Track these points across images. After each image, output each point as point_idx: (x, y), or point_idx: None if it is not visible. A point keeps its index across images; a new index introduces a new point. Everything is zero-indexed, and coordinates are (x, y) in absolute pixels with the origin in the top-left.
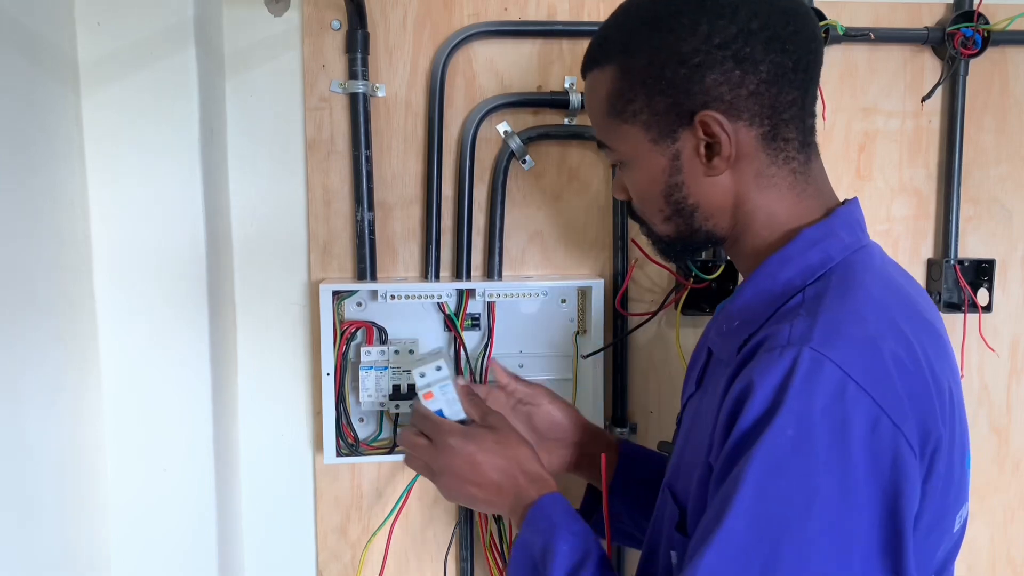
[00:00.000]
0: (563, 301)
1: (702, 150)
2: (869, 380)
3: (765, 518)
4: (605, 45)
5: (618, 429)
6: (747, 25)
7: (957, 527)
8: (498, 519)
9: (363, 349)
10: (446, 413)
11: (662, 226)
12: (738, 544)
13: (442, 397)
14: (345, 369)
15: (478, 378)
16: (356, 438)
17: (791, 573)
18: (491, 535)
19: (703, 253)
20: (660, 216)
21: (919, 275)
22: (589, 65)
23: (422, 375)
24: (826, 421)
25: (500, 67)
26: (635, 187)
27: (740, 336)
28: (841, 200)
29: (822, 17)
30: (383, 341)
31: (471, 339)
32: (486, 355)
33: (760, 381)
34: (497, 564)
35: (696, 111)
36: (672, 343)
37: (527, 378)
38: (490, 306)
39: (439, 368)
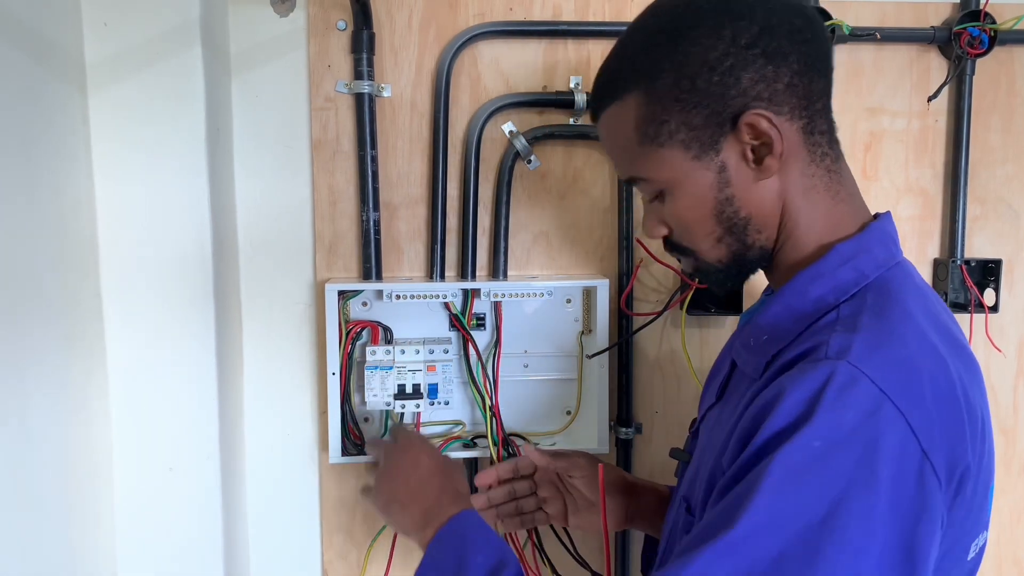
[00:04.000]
0: (568, 301)
1: (749, 155)
2: (905, 402)
3: (778, 525)
4: (618, 76)
5: (623, 429)
6: (767, 22)
7: (972, 555)
8: None
9: (368, 349)
10: None
11: (712, 251)
12: (743, 549)
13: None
14: (350, 369)
15: (490, 377)
16: (361, 438)
17: None
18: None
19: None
20: (711, 240)
21: (925, 275)
22: (604, 102)
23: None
24: (857, 438)
25: (505, 67)
26: (681, 214)
27: (767, 352)
28: (873, 213)
29: (828, 17)
30: (388, 341)
31: (476, 339)
32: (495, 355)
33: (791, 389)
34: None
35: (738, 114)
36: (677, 343)
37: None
38: (497, 306)
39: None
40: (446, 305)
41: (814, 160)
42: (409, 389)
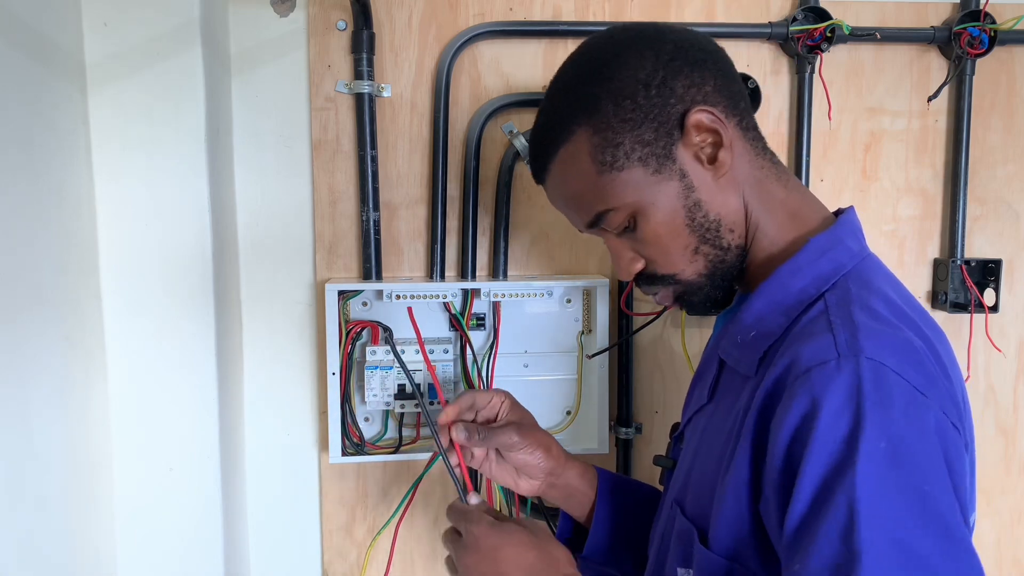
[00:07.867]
0: (568, 301)
1: (703, 155)
2: (926, 385)
3: (890, 547)
4: (559, 120)
5: (623, 429)
6: (677, 39)
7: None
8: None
9: (368, 349)
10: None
11: (692, 266)
12: None
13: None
14: (351, 369)
15: (484, 377)
16: (361, 437)
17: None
18: None
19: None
20: (688, 253)
21: (925, 275)
22: (551, 149)
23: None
24: (910, 429)
25: (505, 67)
26: (656, 232)
27: (759, 348)
28: (834, 210)
29: (828, 16)
30: (388, 341)
31: (476, 338)
32: (491, 355)
33: (825, 396)
34: None
35: (682, 118)
36: (677, 343)
37: (529, 374)
38: (495, 306)
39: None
40: (446, 305)
41: (758, 153)
42: (409, 389)
